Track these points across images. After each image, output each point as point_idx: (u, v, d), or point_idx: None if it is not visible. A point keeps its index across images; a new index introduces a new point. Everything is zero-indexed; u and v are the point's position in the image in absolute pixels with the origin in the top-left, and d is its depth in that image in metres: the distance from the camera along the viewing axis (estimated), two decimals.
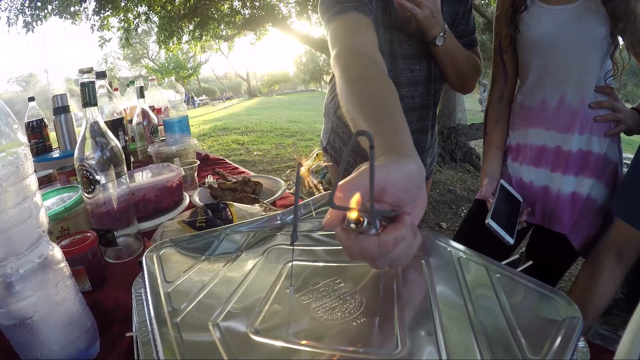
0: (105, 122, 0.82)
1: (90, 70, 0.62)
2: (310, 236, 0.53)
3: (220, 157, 1.54)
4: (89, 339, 0.51)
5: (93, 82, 0.63)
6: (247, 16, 6.79)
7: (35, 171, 0.46)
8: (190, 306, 0.37)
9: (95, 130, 0.66)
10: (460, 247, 0.49)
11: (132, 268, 0.71)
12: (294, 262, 0.46)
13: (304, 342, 0.33)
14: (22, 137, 0.43)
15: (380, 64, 0.65)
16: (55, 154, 1.30)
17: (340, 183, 0.34)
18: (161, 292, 0.40)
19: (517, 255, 0.49)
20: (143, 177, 0.98)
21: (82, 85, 0.63)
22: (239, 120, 11.51)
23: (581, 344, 0.35)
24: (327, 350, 0.32)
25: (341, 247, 0.35)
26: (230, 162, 1.46)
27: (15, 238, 0.42)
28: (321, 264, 0.46)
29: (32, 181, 0.45)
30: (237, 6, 6.69)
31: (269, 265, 0.46)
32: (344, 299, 0.39)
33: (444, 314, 0.36)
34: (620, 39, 0.85)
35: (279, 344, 0.33)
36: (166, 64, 26.54)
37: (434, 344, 0.33)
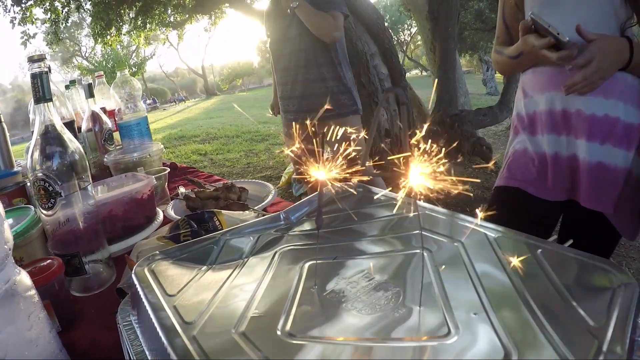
0: None
1: (42, 59, 0.62)
2: (321, 234, 0.55)
3: (190, 166, 1.55)
4: None
5: (46, 72, 0.63)
6: None
7: None
8: (206, 317, 0.39)
9: (51, 131, 0.66)
10: (493, 226, 0.54)
11: (107, 300, 0.71)
12: (313, 262, 0.48)
13: (348, 338, 0.35)
14: None
15: None
16: None
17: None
18: (165, 306, 0.41)
19: (555, 236, 0.53)
20: (104, 191, 0.98)
21: (33, 76, 0.62)
22: (198, 125, 11.44)
23: None
24: (376, 344, 0.34)
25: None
26: (203, 171, 1.47)
27: None
28: (341, 259, 0.49)
29: None
30: None
31: (283, 267, 0.48)
32: (377, 291, 0.42)
33: (491, 292, 0.40)
34: None
35: (319, 343, 0.35)
36: (103, 62, 26.14)
37: (488, 323, 0.36)
